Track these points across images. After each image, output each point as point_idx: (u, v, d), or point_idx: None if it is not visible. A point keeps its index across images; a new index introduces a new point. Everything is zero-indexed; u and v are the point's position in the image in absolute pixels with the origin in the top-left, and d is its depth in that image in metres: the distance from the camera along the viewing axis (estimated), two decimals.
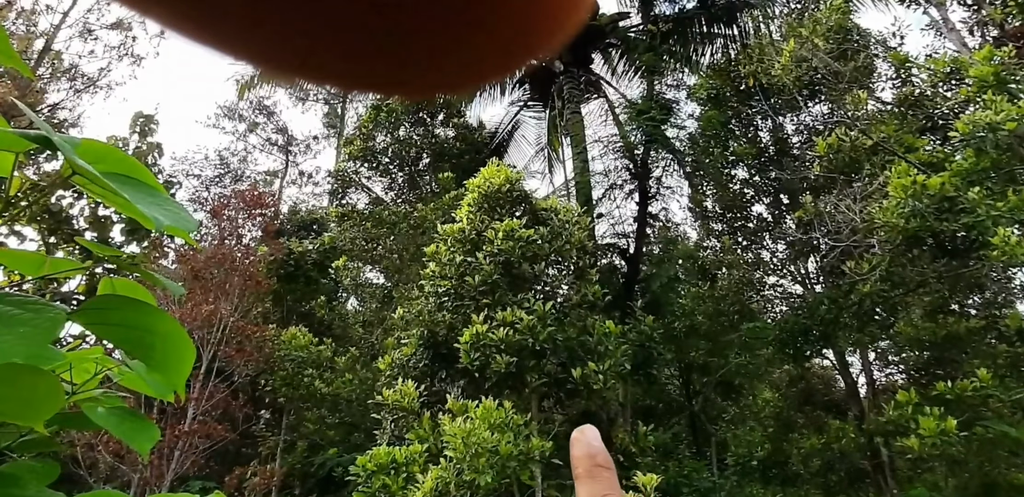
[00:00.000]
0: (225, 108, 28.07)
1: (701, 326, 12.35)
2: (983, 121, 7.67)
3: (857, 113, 10.69)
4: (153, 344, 1.33)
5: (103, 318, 1.31)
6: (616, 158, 13.48)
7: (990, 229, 7.65)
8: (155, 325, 1.30)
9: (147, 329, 1.31)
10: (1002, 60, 8.35)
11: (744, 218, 15.51)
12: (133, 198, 1.19)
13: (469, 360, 6.97)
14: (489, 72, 0.27)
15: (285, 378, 11.00)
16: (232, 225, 11.61)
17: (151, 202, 1.28)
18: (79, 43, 17.02)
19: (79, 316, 1.29)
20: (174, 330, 1.32)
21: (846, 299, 11.78)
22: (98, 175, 1.17)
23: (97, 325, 1.32)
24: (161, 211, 1.27)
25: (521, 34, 0.25)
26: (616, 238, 13.53)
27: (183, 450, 8.89)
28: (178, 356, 1.35)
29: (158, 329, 1.31)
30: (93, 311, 1.31)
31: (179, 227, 1.30)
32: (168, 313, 1.32)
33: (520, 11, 0.24)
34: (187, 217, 1.35)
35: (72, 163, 1.15)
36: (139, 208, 1.19)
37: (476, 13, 0.23)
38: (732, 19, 14.49)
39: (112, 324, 1.31)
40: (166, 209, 1.30)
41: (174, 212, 1.31)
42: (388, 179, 13.40)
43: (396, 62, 0.25)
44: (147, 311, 1.32)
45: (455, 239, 8.14)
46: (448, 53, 0.24)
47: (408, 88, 0.28)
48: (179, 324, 1.32)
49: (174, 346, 1.33)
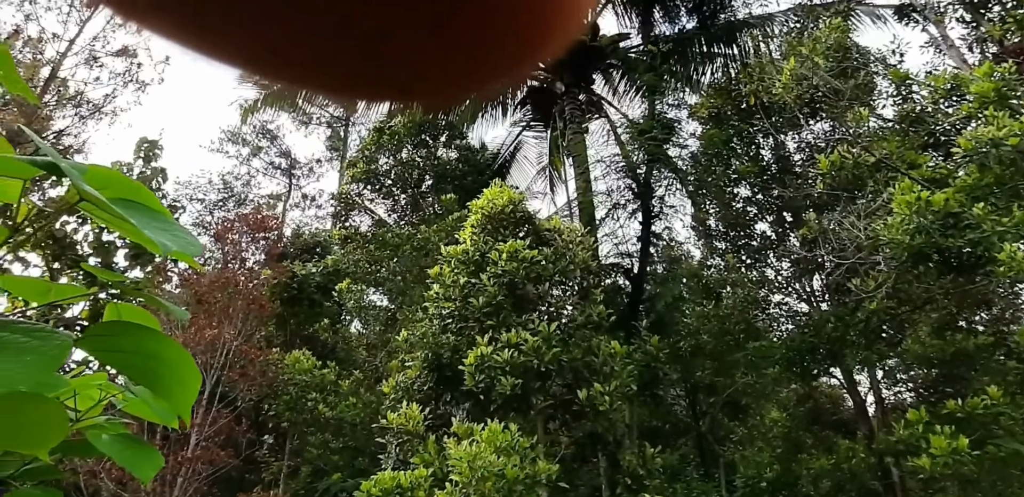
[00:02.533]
0: (228, 132, 28.31)
1: (707, 345, 12.26)
2: (986, 137, 7.67)
3: (859, 130, 10.72)
4: (158, 370, 1.31)
5: (108, 345, 1.30)
6: (619, 178, 13.52)
7: (996, 245, 7.62)
8: (161, 351, 1.29)
9: (153, 355, 1.30)
10: (1002, 76, 8.37)
11: (748, 236, 15.48)
12: (139, 223, 1.19)
13: (474, 382, 6.91)
14: (486, 79, 0.27)
15: (288, 402, 10.92)
16: (236, 249, 11.62)
17: (157, 227, 1.27)
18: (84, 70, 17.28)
19: (84, 343, 1.28)
20: (180, 356, 1.30)
21: (853, 317, 11.71)
22: (106, 201, 1.17)
23: (102, 352, 1.31)
24: (167, 236, 1.27)
25: (517, 42, 0.25)
26: (620, 258, 13.51)
27: (186, 476, 8.79)
28: (183, 382, 1.33)
29: (164, 355, 1.30)
30: (98, 338, 1.30)
31: (185, 252, 1.29)
32: (173, 339, 1.31)
33: (516, 20, 0.24)
34: (193, 241, 1.35)
35: (80, 189, 1.15)
36: (146, 233, 1.19)
37: (471, 20, 0.23)
38: (732, 39, 14.64)
39: (117, 351, 1.30)
40: (172, 234, 1.30)
41: (180, 237, 1.30)
42: (391, 201, 13.44)
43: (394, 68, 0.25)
44: (153, 337, 1.31)
45: (459, 261, 8.13)
46: (446, 60, 0.25)
47: (408, 95, 0.28)
48: (185, 350, 1.31)
49: (180, 372, 1.31)
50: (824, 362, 12.33)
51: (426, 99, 0.28)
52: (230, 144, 28.41)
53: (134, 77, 17.03)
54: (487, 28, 0.24)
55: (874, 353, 12.29)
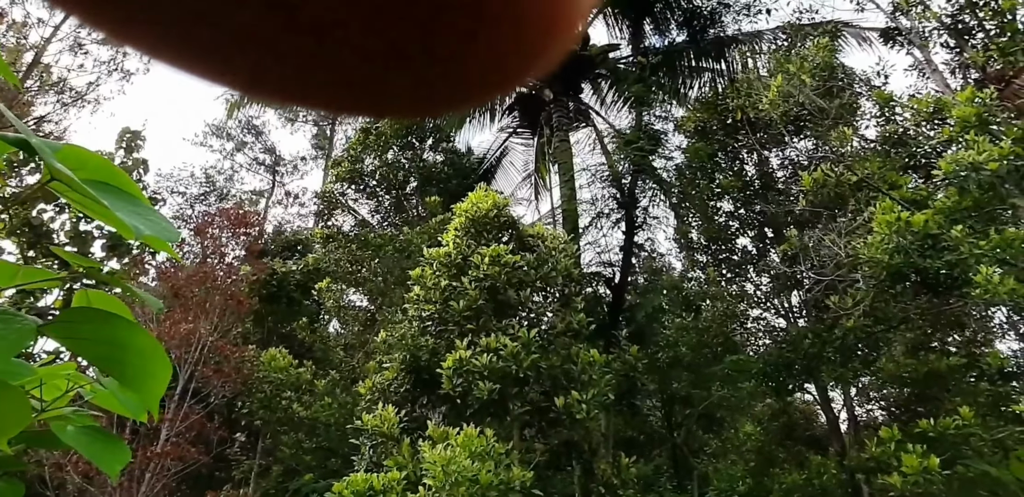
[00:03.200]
0: (213, 126, 28.07)
1: (684, 357, 12.29)
2: (966, 160, 7.76)
3: (842, 149, 10.83)
4: (127, 360, 1.26)
5: (76, 332, 1.24)
6: (604, 187, 13.56)
7: (972, 267, 7.69)
8: (130, 340, 1.24)
9: (122, 345, 1.24)
10: (984, 102, 8.48)
11: (729, 250, 15.57)
12: (113, 206, 1.14)
13: (451, 386, 6.86)
14: (477, 94, 0.27)
15: (262, 400, 10.77)
16: (215, 243, 11.47)
17: (132, 211, 1.22)
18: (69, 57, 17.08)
19: (51, 329, 1.22)
20: (150, 346, 1.25)
21: (830, 333, 11.79)
22: (77, 180, 1.12)
23: (69, 339, 1.25)
24: (142, 221, 1.21)
25: (506, 59, 0.25)
26: (602, 267, 13.53)
27: (154, 472, 8.63)
28: (153, 374, 1.28)
29: (133, 345, 1.24)
30: (66, 324, 1.24)
31: (160, 237, 1.24)
32: (145, 329, 1.26)
33: (506, 37, 0.24)
34: (168, 227, 1.30)
35: (51, 167, 1.10)
36: (118, 215, 1.14)
37: (463, 36, 0.24)
38: (720, 54, 14.77)
39: (85, 338, 1.24)
40: (147, 219, 1.25)
41: (155, 222, 1.25)
42: (374, 202, 13.36)
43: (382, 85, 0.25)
44: (122, 326, 1.25)
45: (441, 263, 8.08)
46: (437, 76, 0.25)
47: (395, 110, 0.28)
48: (156, 341, 1.25)
49: (150, 363, 1.26)
50: (800, 378, 12.40)
51: (409, 115, 0.28)
52: (214, 138, 28.19)
53: (119, 66, 16.84)
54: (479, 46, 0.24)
55: (849, 371, 12.37)
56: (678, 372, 12.32)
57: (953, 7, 12.14)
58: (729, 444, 13.96)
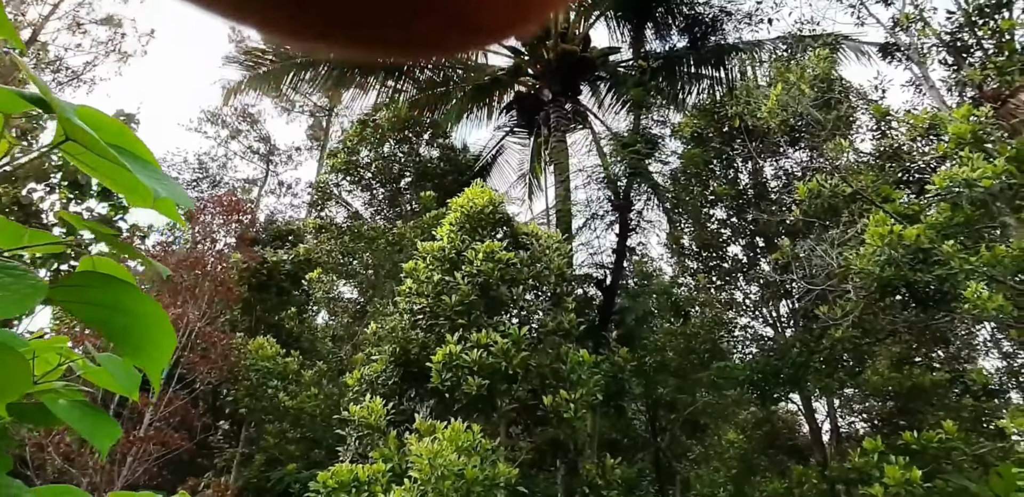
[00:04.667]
0: (208, 113, 27.88)
1: (672, 362, 12.31)
2: (960, 177, 7.80)
3: (837, 161, 10.88)
4: (132, 327, 1.22)
5: (81, 296, 1.20)
6: (599, 188, 13.56)
7: (962, 282, 7.73)
8: (136, 307, 1.20)
9: (127, 311, 1.21)
10: (980, 119, 8.53)
11: (720, 258, 15.62)
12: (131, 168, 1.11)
13: (440, 380, 6.82)
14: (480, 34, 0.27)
15: (248, 388, 10.68)
16: (206, 230, 11.38)
17: (148, 175, 1.19)
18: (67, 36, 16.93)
19: (57, 292, 1.19)
20: (156, 314, 1.21)
21: (817, 343, 11.85)
22: (96, 137, 1.08)
23: (74, 303, 1.21)
24: (159, 184, 1.18)
25: None
26: (594, 268, 13.53)
27: (136, 456, 8.54)
28: (157, 342, 1.24)
29: (139, 312, 1.21)
30: (71, 288, 1.20)
31: (177, 201, 1.21)
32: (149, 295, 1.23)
33: None
34: (184, 194, 1.27)
35: (68, 125, 1.07)
36: (139, 177, 1.11)
37: None
38: (720, 62, 14.81)
39: (91, 303, 1.20)
40: (163, 183, 1.22)
41: (171, 187, 1.22)
42: (369, 194, 13.30)
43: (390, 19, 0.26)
44: (129, 292, 1.21)
45: (434, 257, 8.05)
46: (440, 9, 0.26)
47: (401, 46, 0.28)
48: (161, 308, 1.22)
49: (154, 331, 1.22)
50: (785, 387, 12.45)
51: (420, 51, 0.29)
52: (209, 124, 27.99)
53: (117, 47, 16.72)
54: None
55: (835, 381, 12.44)
56: (664, 377, 12.34)
57: (952, 25, 12.23)
58: (712, 451, 14.01)
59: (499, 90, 16.08)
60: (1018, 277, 7.74)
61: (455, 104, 15.76)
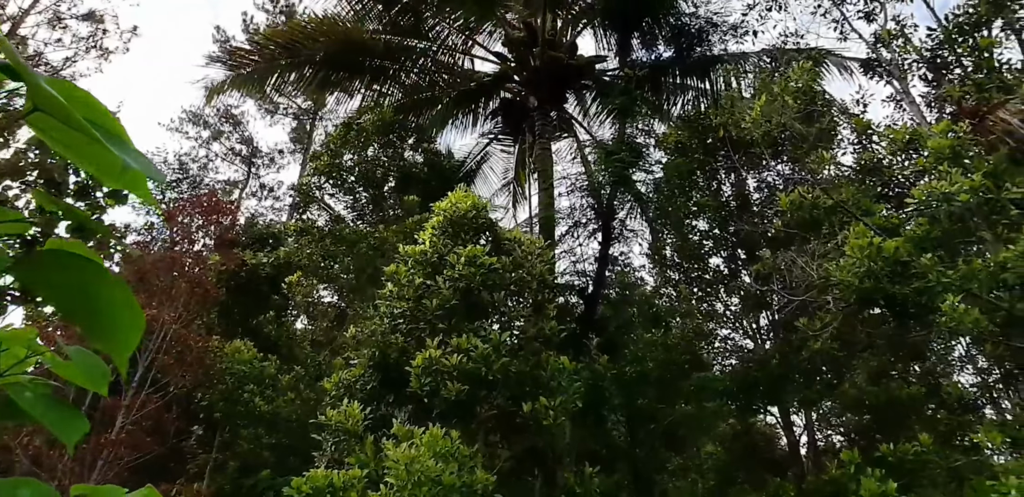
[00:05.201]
0: (190, 113, 27.63)
1: (651, 373, 12.28)
2: (939, 191, 7.87)
3: (819, 173, 10.96)
4: (99, 311, 1.15)
5: (45, 277, 1.14)
6: (582, 196, 13.57)
7: (939, 295, 7.78)
8: (103, 290, 1.13)
9: (94, 294, 1.14)
10: (958, 135, 8.63)
11: (701, 269, 15.66)
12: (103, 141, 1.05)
13: (419, 385, 6.73)
14: None
15: (224, 393, 10.49)
16: (185, 231, 11.21)
17: (119, 149, 1.13)
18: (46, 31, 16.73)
19: (17, 269, 1.12)
20: (124, 298, 1.15)
21: (796, 355, 11.89)
22: (66, 105, 1.02)
23: (38, 284, 1.15)
24: (130, 157, 1.12)
25: None
26: (576, 276, 13.52)
27: (107, 460, 8.33)
28: (125, 326, 1.18)
29: (106, 294, 1.14)
30: (36, 268, 1.14)
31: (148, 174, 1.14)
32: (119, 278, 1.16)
33: None
34: (157, 169, 1.20)
35: (37, 93, 1.01)
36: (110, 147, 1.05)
37: None
38: (705, 73, 14.92)
39: (55, 284, 1.14)
40: (134, 157, 1.15)
41: (143, 162, 1.16)
42: (351, 198, 13.20)
43: None
44: (95, 272, 1.15)
45: (416, 261, 7.98)
46: None
47: None
48: (130, 292, 1.16)
49: (122, 315, 1.16)
50: (764, 398, 12.46)
51: None
52: (191, 125, 27.74)
53: (98, 43, 16.52)
54: None
55: (813, 393, 12.48)
56: (644, 387, 12.30)
57: (933, 42, 12.39)
58: (690, 462, 13.98)
59: (485, 96, 16.09)
60: (994, 293, 7.81)
61: (440, 109, 15.74)
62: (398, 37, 14.55)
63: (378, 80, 15.09)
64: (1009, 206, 7.80)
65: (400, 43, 14.62)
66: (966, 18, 11.30)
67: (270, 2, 27.59)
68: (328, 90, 15.51)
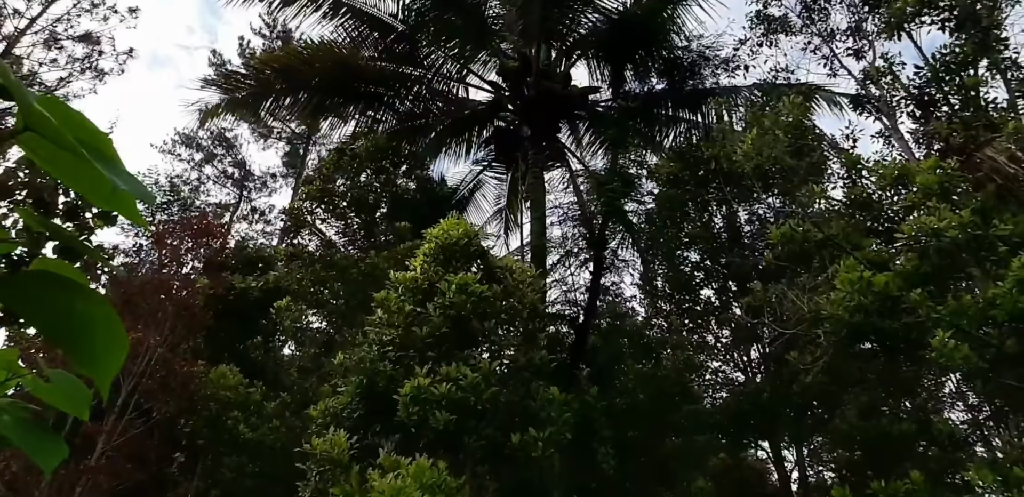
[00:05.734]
0: (183, 135, 27.65)
1: (643, 405, 12.17)
2: (928, 226, 7.92)
3: (809, 207, 11.03)
4: (81, 330, 1.13)
5: (29, 297, 1.11)
6: (574, 226, 13.60)
7: (930, 331, 7.77)
8: (87, 310, 1.11)
9: (79, 314, 1.11)
10: (946, 171, 8.72)
11: (693, 300, 15.66)
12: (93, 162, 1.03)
13: (407, 414, 6.62)
14: None
15: (208, 419, 10.27)
16: (174, 253, 11.11)
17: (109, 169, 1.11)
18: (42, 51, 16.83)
19: (2, 290, 1.10)
20: (107, 318, 1.12)
21: (787, 389, 11.83)
22: (56, 125, 1.01)
23: (21, 304, 1.12)
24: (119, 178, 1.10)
25: None
26: (567, 306, 13.47)
27: (85, 487, 8.10)
28: (108, 348, 1.14)
29: (89, 314, 1.11)
30: (20, 288, 1.11)
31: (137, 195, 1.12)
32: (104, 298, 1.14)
33: None
34: (146, 190, 1.18)
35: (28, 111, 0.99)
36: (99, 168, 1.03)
37: None
38: (697, 106, 15.10)
39: (38, 305, 1.11)
40: (124, 178, 1.13)
41: (133, 182, 1.14)
42: (343, 223, 13.16)
43: None
44: (80, 292, 1.12)
45: (406, 288, 7.93)
46: None
47: None
48: (115, 312, 1.13)
49: (106, 336, 1.13)
50: (755, 433, 12.35)
51: None
52: (183, 147, 27.75)
53: (93, 64, 16.60)
54: None
55: (804, 428, 12.39)
56: (635, 419, 12.18)
57: (920, 79, 12.60)
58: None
59: (478, 124, 16.21)
60: (984, 330, 7.81)
61: (434, 136, 15.83)
62: (393, 64, 14.69)
63: (372, 106, 15.19)
64: (997, 243, 7.84)
65: (395, 70, 14.75)
66: (952, 57, 11.53)
67: (267, 27, 27.90)
68: (322, 115, 15.59)
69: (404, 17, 14.15)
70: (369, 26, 14.37)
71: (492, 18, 14.74)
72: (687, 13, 14.13)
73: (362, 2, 14.04)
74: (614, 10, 14.23)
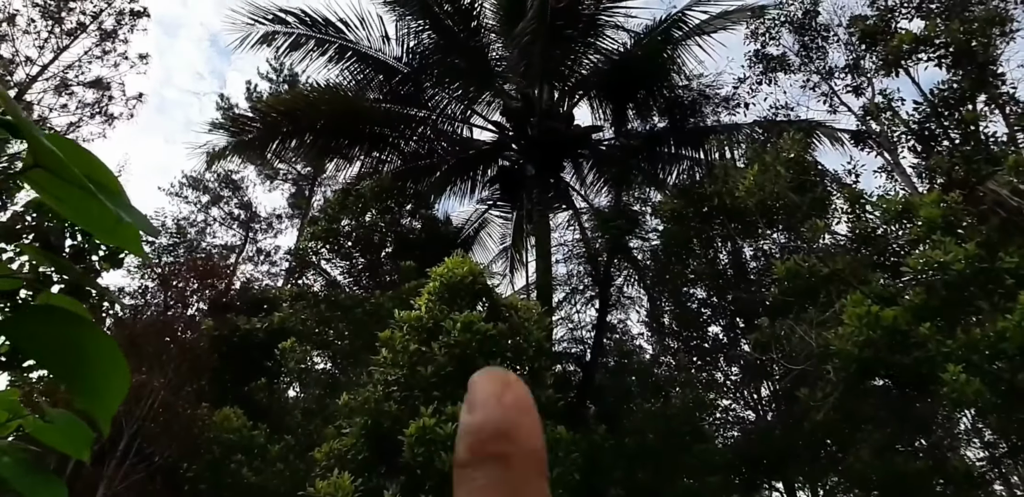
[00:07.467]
0: (190, 177, 27.96)
1: (651, 444, 11.94)
2: (934, 260, 7.89)
3: (814, 242, 11.02)
4: (84, 365, 1.13)
5: (33, 331, 1.12)
6: (580, 263, 13.60)
7: (940, 365, 7.68)
8: (89, 344, 1.11)
9: (83, 350, 1.12)
10: (949, 205, 8.74)
11: (700, 337, 15.53)
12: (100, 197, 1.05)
13: (412, 455, 6.51)
14: None
15: (211, 462, 10.10)
16: (180, 295, 11.12)
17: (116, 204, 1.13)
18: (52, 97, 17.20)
19: (7, 326, 1.10)
20: (110, 353, 1.12)
21: (799, 427, 11.62)
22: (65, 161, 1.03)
23: (27, 340, 1.12)
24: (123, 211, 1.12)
25: None
26: (573, 344, 13.37)
27: None
28: (110, 383, 1.15)
29: (91, 349, 1.11)
30: (24, 323, 1.12)
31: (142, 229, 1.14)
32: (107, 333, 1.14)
33: None
34: (150, 223, 1.20)
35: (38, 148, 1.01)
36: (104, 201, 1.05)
37: None
38: (699, 143, 15.26)
39: (42, 339, 1.12)
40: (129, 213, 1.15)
41: (138, 216, 1.16)
42: (348, 263, 13.19)
43: None
44: (83, 327, 1.13)
45: (411, 326, 7.89)
46: None
47: None
48: (117, 348, 1.13)
49: (108, 371, 1.13)
50: (768, 473, 12.08)
51: None
52: (190, 189, 28.04)
53: (103, 109, 16.94)
54: None
55: (818, 467, 12.12)
56: (644, 459, 11.93)
57: (920, 115, 12.71)
58: None
59: (483, 164, 16.37)
60: (996, 364, 7.71)
61: (439, 176, 15.98)
62: (398, 106, 14.95)
63: (378, 147, 15.38)
64: (1004, 275, 7.81)
65: (400, 111, 15.00)
66: (951, 93, 11.68)
67: (274, 71, 28.46)
68: (328, 156, 15.79)
69: (408, 60, 14.46)
70: (374, 69, 14.67)
71: (495, 60, 15.05)
72: (687, 53, 14.42)
73: (367, 46, 14.37)
74: (615, 51, 14.53)
